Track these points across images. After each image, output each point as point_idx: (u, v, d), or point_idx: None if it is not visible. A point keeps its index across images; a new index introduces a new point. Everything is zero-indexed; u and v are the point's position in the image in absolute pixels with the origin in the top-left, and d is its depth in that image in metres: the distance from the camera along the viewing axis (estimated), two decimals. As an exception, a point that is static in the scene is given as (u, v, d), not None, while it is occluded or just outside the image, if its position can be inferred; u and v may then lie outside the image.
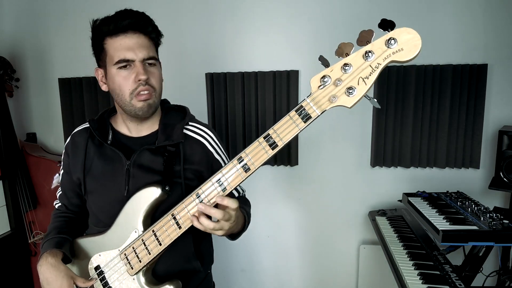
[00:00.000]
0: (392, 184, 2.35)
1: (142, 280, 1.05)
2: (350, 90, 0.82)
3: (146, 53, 1.04)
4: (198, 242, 1.17)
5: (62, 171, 1.23)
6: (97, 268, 1.11)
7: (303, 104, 0.86)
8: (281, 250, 2.56)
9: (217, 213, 0.92)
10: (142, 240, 1.02)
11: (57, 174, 2.40)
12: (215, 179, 0.94)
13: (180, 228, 0.98)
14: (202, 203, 0.93)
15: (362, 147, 2.35)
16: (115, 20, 1.03)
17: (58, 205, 1.27)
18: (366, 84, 0.81)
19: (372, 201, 2.40)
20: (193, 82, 2.43)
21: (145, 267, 1.04)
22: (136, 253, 1.03)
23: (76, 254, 1.15)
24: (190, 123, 1.16)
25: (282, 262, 2.58)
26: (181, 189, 1.09)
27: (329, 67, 0.84)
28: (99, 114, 1.20)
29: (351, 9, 2.23)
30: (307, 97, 0.86)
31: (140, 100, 1.04)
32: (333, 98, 0.84)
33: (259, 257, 2.59)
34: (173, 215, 0.98)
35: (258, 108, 2.35)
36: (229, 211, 0.94)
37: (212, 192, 0.94)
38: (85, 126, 1.20)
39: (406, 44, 0.77)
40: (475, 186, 2.24)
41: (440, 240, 1.50)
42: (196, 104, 2.12)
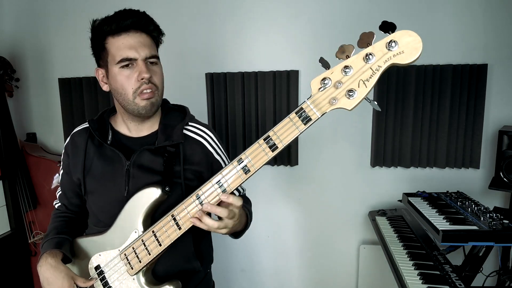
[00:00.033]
0: (392, 184, 2.35)
1: (142, 280, 1.05)
2: (350, 93, 0.82)
3: (148, 51, 1.04)
4: (198, 242, 1.18)
5: (62, 171, 1.23)
6: (97, 268, 1.11)
7: (303, 106, 0.85)
8: (281, 250, 2.56)
9: (222, 211, 0.92)
10: (142, 240, 1.02)
11: (57, 174, 2.40)
12: (215, 181, 0.93)
13: (180, 229, 0.98)
14: (206, 203, 0.93)
15: (362, 147, 2.35)
16: (117, 19, 1.03)
17: (57, 205, 1.27)
18: (366, 86, 0.81)
19: (372, 201, 2.40)
20: (193, 82, 2.43)
21: (145, 267, 1.04)
22: (136, 253, 1.03)
23: (76, 254, 1.15)
24: (190, 123, 1.16)
25: (282, 262, 2.58)
26: (181, 189, 1.09)
27: (329, 69, 0.84)
28: (99, 114, 1.20)
29: (351, 9, 2.23)
30: (307, 99, 0.85)
31: (143, 98, 1.04)
32: (333, 101, 0.83)
33: (259, 257, 2.59)
34: (173, 216, 0.98)
35: (258, 108, 2.35)
36: (233, 209, 0.95)
37: (212, 193, 0.94)
38: (84, 126, 1.20)
39: (407, 46, 0.77)
40: (475, 186, 2.24)
41: (440, 240, 1.50)
42: (196, 104, 2.12)
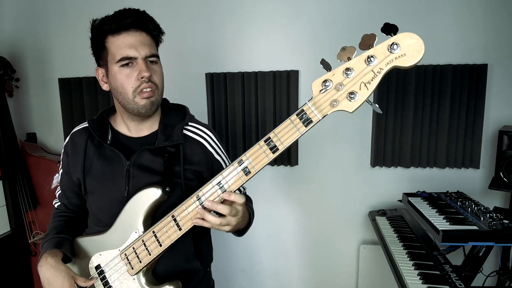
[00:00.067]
0: (392, 184, 2.35)
1: (143, 280, 1.05)
2: (351, 95, 0.82)
3: (148, 50, 1.04)
4: (198, 242, 1.18)
5: (61, 171, 1.23)
6: (97, 267, 1.11)
7: (304, 108, 0.85)
8: (281, 250, 2.56)
9: (224, 208, 0.92)
10: (143, 240, 1.02)
11: (57, 174, 2.40)
12: (216, 182, 0.93)
13: (180, 229, 0.98)
14: (208, 200, 0.93)
15: (362, 147, 2.35)
16: (118, 18, 1.03)
17: (57, 204, 1.27)
18: (368, 89, 0.81)
19: (372, 201, 2.40)
20: (193, 82, 2.43)
21: (145, 267, 1.04)
22: (136, 253, 1.03)
23: (76, 253, 1.15)
24: (189, 123, 1.16)
25: (282, 262, 2.58)
26: (181, 189, 1.09)
27: (330, 71, 0.83)
28: (98, 114, 1.19)
29: (351, 9, 2.23)
30: (309, 101, 0.85)
31: (143, 97, 1.04)
32: (334, 103, 0.83)
33: (259, 257, 2.59)
34: (173, 217, 0.98)
35: (258, 108, 2.35)
36: (236, 206, 0.95)
37: (212, 194, 0.94)
38: (84, 125, 1.19)
39: (409, 49, 0.76)
40: (475, 186, 2.24)
41: (440, 240, 1.50)
42: (196, 104, 2.12)
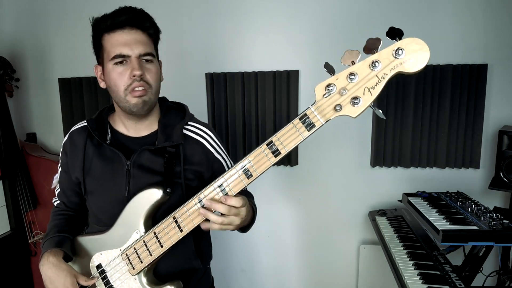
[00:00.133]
0: (392, 184, 2.35)
1: (144, 280, 1.05)
2: (355, 100, 0.80)
3: (142, 49, 1.02)
4: (198, 240, 1.17)
5: (60, 169, 1.22)
6: (98, 266, 1.11)
7: (307, 112, 0.84)
8: (281, 250, 2.56)
9: (221, 207, 0.92)
10: (144, 241, 1.02)
11: (57, 174, 2.39)
12: (217, 184, 0.93)
13: (181, 231, 0.97)
14: (207, 199, 0.93)
15: (362, 147, 2.35)
16: (112, 16, 1.02)
17: (57, 202, 1.27)
18: (372, 94, 0.80)
19: (372, 201, 2.40)
20: (193, 82, 2.43)
21: (146, 268, 1.04)
22: (137, 254, 1.03)
23: (77, 252, 1.15)
24: (189, 123, 1.16)
25: (282, 262, 2.58)
26: (181, 189, 1.09)
27: (334, 75, 0.82)
28: (97, 113, 1.19)
29: (351, 9, 2.23)
30: (311, 105, 0.84)
31: (134, 96, 1.03)
32: (338, 108, 0.82)
33: (259, 257, 2.59)
34: (174, 218, 0.98)
35: (258, 108, 2.35)
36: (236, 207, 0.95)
37: (213, 197, 0.93)
38: (83, 124, 1.19)
39: (414, 55, 0.75)
40: (475, 186, 2.24)
41: (440, 240, 1.50)
42: (196, 104, 2.11)
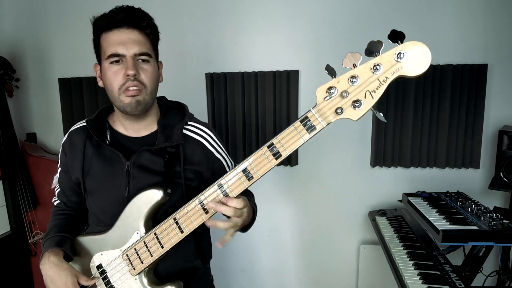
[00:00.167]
0: (392, 184, 2.35)
1: (145, 280, 1.05)
2: (356, 103, 0.80)
3: (138, 48, 1.01)
4: (198, 240, 1.18)
5: (60, 169, 1.22)
6: (99, 267, 1.11)
7: (309, 115, 0.84)
8: (281, 250, 2.56)
9: (227, 210, 0.92)
10: (144, 242, 1.02)
11: (57, 174, 2.40)
12: (218, 186, 0.93)
13: (182, 232, 0.97)
14: (212, 202, 0.93)
15: (362, 147, 2.35)
16: (109, 15, 1.02)
17: (57, 202, 1.27)
18: (373, 98, 0.79)
19: (372, 201, 2.40)
20: (193, 82, 2.43)
21: (147, 268, 1.04)
22: (138, 254, 1.03)
23: (77, 252, 1.15)
24: (189, 123, 1.15)
25: (282, 262, 2.58)
26: (181, 190, 1.09)
27: (335, 78, 0.82)
28: (97, 113, 1.18)
29: (351, 9, 2.23)
30: (313, 108, 0.84)
31: (127, 95, 1.02)
32: (339, 110, 0.82)
33: (259, 257, 2.59)
34: (175, 219, 0.98)
35: (258, 108, 2.35)
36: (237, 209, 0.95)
37: (214, 199, 0.93)
38: (82, 124, 1.18)
39: (416, 58, 0.75)
40: (475, 186, 2.24)
41: (440, 240, 1.50)
42: (196, 104, 2.11)
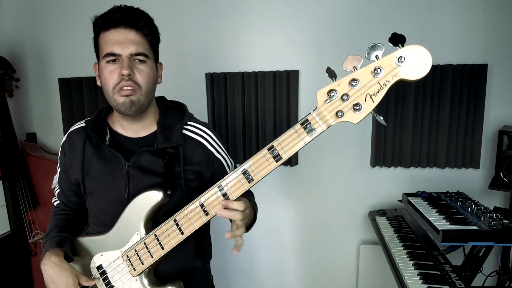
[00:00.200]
0: (392, 184, 2.35)
1: (145, 281, 1.05)
2: (356, 107, 0.80)
3: (134, 48, 1.00)
4: (198, 240, 1.17)
5: (60, 170, 1.22)
6: (99, 267, 1.11)
7: (309, 118, 0.84)
8: (281, 250, 2.56)
9: (230, 214, 0.92)
10: (145, 243, 1.02)
11: (56, 174, 2.40)
12: (218, 188, 0.93)
13: (182, 234, 0.98)
14: (221, 210, 0.92)
15: (362, 147, 2.35)
16: (107, 14, 1.02)
17: (56, 202, 1.27)
18: (373, 101, 0.79)
19: (372, 201, 2.40)
20: (193, 82, 2.43)
21: (147, 269, 1.04)
22: (138, 255, 1.03)
23: (77, 252, 1.15)
24: (189, 123, 1.15)
25: (282, 262, 2.58)
26: (181, 190, 1.09)
27: (336, 81, 0.82)
28: (96, 113, 1.18)
29: (351, 9, 2.23)
30: (313, 111, 0.84)
31: (121, 95, 1.01)
32: (339, 114, 0.82)
33: (259, 257, 2.59)
34: (175, 221, 0.98)
35: (258, 108, 2.35)
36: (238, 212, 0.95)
37: (214, 201, 0.94)
38: (81, 125, 1.18)
39: (417, 62, 0.75)
40: (475, 186, 2.24)
41: (440, 240, 1.50)
42: (196, 104, 2.12)
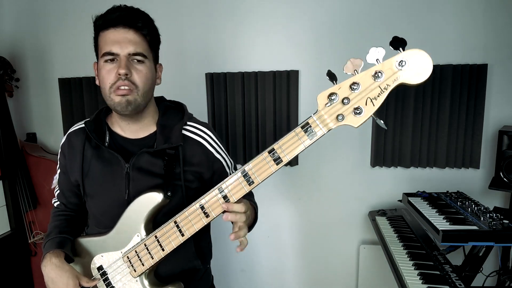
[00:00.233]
0: (392, 184, 2.35)
1: (146, 282, 1.05)
2: (357, 110, 0.81)
3: (132, 48, 1.00)
4: (198, 240, 1.17)
5: (59, 171, 1.22)
6: (99, 268, 1.11)
7: (310, 121, 0.84)
8: (281, 250, 2.57)
9: (232, 217, 0.92)
10: (145, 245, 1.02)
11: (56, 174, 2.40)
12: (218, 190, 0.93)
13: (183, 235, 0.98)
14: (227, 213, 0.92)
15: (362, 147, 2.35)
16: (106, 14, 1.02)
17: (56, 203, 1.27)
18: (374, 105, 0.80)
19: (372, 201, 2.40)
20: (193, 82, 2.43)
21: (147, 270, 1.04)
22: (139, 256, 1.03)
23: (77, 253, 1.15)
24: (188, 123, 1.14)
25: (282, 262, 2.58)
26: (181, 191, 1.09)
27: (337, 85, 0.82)
28: (95, 114, 1.17)
29: (351, 9, 2.23)
30: (314, 114, 0.84)
31: (117, 94, 1.01)
32: (340, 117, 0.82)
33: (259, 257, 2.59)
34: (176, 223, 0.98)
35: (258, 108, 2.35)
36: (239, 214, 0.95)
37: (215, 203, 0.93)
38: (81, 126, 1.17)
39: (417, 66, 0.75)
40: (475, 186, 2.24)
41: (440, 240, 1.50)
42: (196, 104, 2.12)
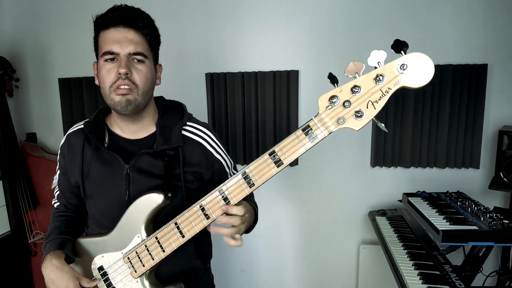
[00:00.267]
0: (392, 184, 2.35)
1: (146, 283, 1.05)
2: (358, 113, 0.80)
3: (133, 48, 1.00)
4: (199, 240, 1.17)
5: (59, 172, 1.22)
6: (100, 268, 1.11)
7: (310, 124, 0.84)
8: (281, 250, 2.57)
9: (230, 220, 0.93)
10: (146, 246, 1.02)
11: (56, 175, 2.40)
12: (219, 192, 0.93)
13: (183, 237, 0.98)
14: (223, 217, 0.93)
15: (362, 147, 2.35)
16: (106, 13, 1.02)
17: (56, 204, 1.27)
18: (375, 108, 0.79)
19: (372, 201, 2.40)
20: (193, 82, 2.43)
21: (148, 271, 1.04)
22: (139, 257, 1.03)
23: (78, 253, 1.15)
24: (188, 123, 1.14)
25: (282, 262, 2.58)
26: (181, 192, 1.09)
27: (338, 88, 0.82)
28: (94, 114, 1.17)
29: (351, 9, 2.23)
30: (315, 117, 0.84)
31: (117, 94, 1.01)
32: (341, 120, 0.82)
33: (259, 257, 2.59)
34: (176, 224, 0.98)
35: (258, 108, 2.35)
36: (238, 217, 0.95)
37: (215, 205, 0.94)
38: (80, 126, 1.17)
39: (419, 70, 0.75)
40: (475, 186, 2.24)
41: (440, 240, 1.50)
42: (196, 104, 2.12)
